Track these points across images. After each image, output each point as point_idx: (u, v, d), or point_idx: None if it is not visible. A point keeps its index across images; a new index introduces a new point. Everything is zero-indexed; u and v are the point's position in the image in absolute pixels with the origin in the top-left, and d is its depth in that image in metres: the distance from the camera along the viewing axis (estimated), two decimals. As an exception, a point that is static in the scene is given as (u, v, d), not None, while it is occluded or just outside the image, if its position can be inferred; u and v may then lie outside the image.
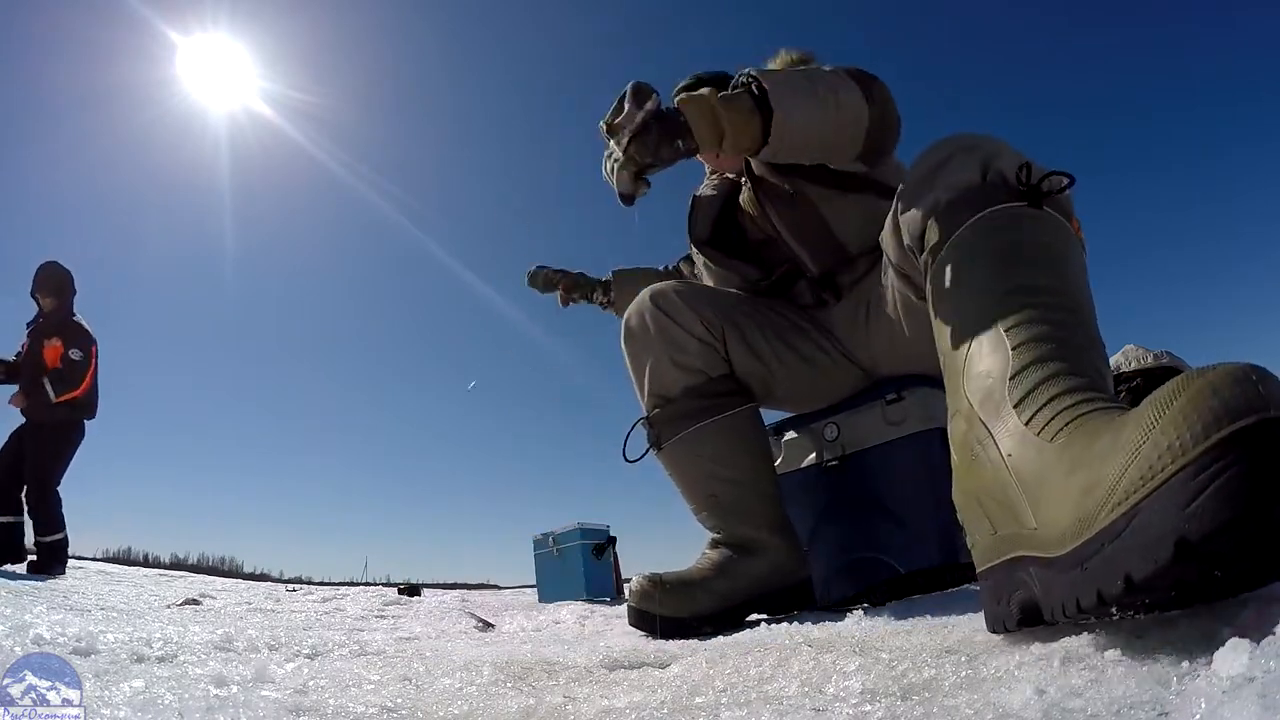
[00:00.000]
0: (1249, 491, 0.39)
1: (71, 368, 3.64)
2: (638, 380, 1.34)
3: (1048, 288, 0.67)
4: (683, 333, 1.29)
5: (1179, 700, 0.40)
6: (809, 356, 1.33)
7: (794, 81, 1.03)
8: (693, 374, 1.28)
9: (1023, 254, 0.70)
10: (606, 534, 3.42)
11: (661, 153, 0.97)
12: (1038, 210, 0.73)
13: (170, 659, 0.86)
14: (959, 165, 0.80)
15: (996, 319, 0.66)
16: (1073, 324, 0.64)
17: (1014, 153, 0.79)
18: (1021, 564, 0.57)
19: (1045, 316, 0.64)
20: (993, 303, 0.68)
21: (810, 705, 0.52)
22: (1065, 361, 0.60)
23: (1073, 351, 0.61)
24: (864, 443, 1.31)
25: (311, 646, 1.09)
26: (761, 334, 1.32)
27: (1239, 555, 0.42)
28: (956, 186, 0.78)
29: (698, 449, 1.26)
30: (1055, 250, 0.71)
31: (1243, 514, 0.39)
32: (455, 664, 0.85)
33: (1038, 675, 0.50)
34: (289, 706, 0.60)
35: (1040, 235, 0.72)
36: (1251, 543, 0.41)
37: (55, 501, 3.58)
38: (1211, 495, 0.39)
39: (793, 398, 1.40)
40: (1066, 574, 0.49)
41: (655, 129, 0.97)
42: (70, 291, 3.83)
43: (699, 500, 1.28)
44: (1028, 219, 0.73)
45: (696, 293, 1.34)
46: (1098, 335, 0.67)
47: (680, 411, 1.27)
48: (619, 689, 0.67)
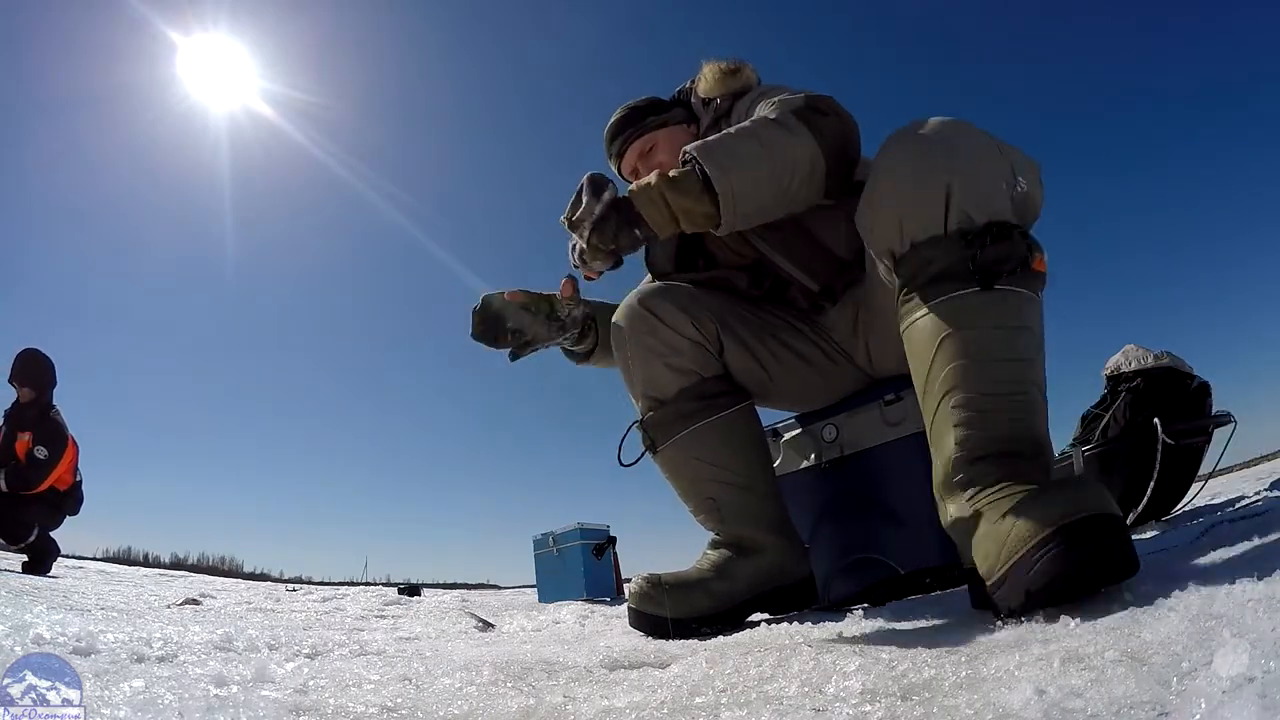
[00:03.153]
0: (1057, 566, 0.69)
1: (34, 466, 3.45)
2: (629, 383, 1.32)
3: (984, 390, 0.85)
4: (673, 334, 1.27)
5: (1179, 700, 0.40)
6: (806, 355, 1.32)
7: (738, 150, 1.00)
8: (686, 375, 1.27)
9: (969, 352, 0.86)
10: (606, 534, 3.42)
11: (621, 241, 1.01)
12: (989, 293, 0.86)
13: (170, 659, 0.86)
14: (924, 199, 0.90)
15: (947, 420, 0.87)
16: (1002, 417, 0.85)
17: (973, 177, 0.89)
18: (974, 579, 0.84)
19: (979, 420, 0.85)
20: (945, 402, 0.88)
21: (810, 705, 0.52)
22: (987, 462, 0.84)
23: (996, 444, 0.84)
24: (863, 443, 1.30)
25: (311, 646, 1.09)
26: (755, 334, 1.31)
27: (1059, 595, 0.70)
28: (920, 227, 0.90)
29: (694, 451, 1.25)
30: (995, 344, 0.86)
31: (1057, 576, 0.69)
32: (455, 664, 0.85)
33: (1038, 675, 0.50)
34: (289, 706, 0.60)
35: (987, 326, 0.87)
36: (1063, 588, 0.70)
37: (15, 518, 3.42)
38: (1040, 569, 0.70)
39: (791, 397, 1.39)
40: (992, 594, 0.77)
41: (613, 219, 1.01)
42: (49, 383, 3.63)
43: (697, 502, 1.27)
44: (978, 309, 0.87)
45: (685, 293, 1.32)
46: (1030, 401, 0.86)
47: (675, 414, 1.26)
48: (619, 689, 0.67)
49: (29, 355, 3.64)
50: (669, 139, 1.37)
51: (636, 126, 1.38)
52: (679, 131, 1.38)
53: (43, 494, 3.52)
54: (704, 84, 1.36)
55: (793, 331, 1.33)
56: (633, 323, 1.29)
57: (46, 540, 3.56)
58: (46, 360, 3.67)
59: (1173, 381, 1.77)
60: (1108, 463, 1.72)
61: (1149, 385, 1.78)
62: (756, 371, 1.31)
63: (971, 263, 0.86)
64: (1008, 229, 0.87)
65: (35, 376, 3.61)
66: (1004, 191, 0.90)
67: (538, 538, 3.53)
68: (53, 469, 3.50)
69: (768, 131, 1.03)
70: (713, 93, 1.34)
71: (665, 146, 1.36)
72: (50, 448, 3.50)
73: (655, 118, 1.39)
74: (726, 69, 1.34)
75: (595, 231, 1.01)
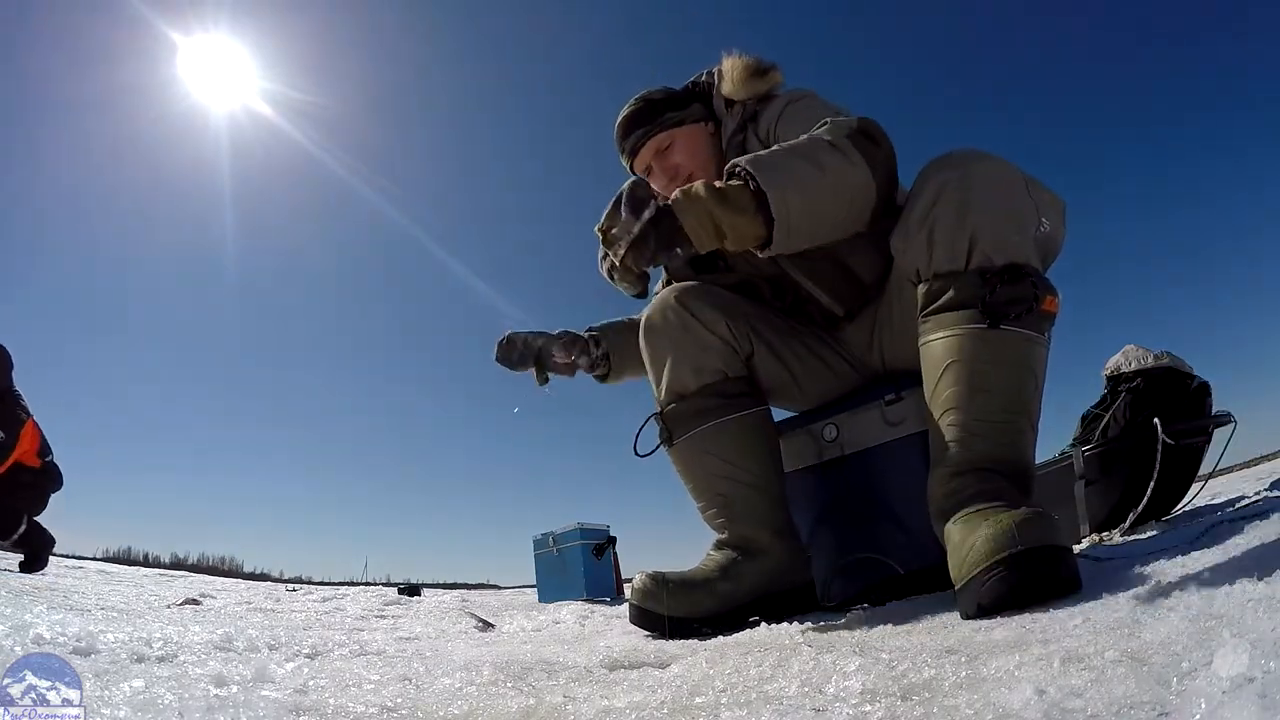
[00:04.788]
0: (1001, 588, 0.81)
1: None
2: (655, 375, 1.32)
3: (976, 417, 0.96)
4: (706, 331, 1.28)
5: (1179, 700, 0.40)
6: (828, 361, 1.34)
7: (795, 171, 0.97)
8: (710, 372, 1.27)
9: (969, 381, 0.96)
10: (606, 534, 3.42)
11: (659, 260, 0.97)
12: (994, 331, 0.95)
13: (170, 659, 0.86)
14: (953, 235, 0.98)
15: (942, 437, 0.98)
16: (989, 442, 0.95)
17: (998, 219, 0.97)
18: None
19: (967, 441, 0.96)
20: (944, 420, 0.98)
21: (810, 705, 0.52)
22: (968, 477, 0.94)
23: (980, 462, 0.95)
24: (864, 443, 1.30)
25: (311, 646, 1.09)
26: (782, 338, 1.33)
27: (1002, 609, 0.80)
28: (946, 259, 1.00)
29: (709, 447, 1.26)
30: (992, 378, 0.96)
31: (1003, 595, 0.80)
32: (455, 664, 0.85)
33: (1038, 675, 0.50)
34: (289, 706, 0.60)
35: (987, 360, 0.96)
36: (1006, 605, 0.80)
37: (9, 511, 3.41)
38: (988, 588, 0.81)
39: (813, 400, 1.40)
40: (958, 595, 0.88)
41: (653, 237, 0.95)
42: (5, 368, 3.60)
43: (707, 498, 1.27)
44: (982, 344, 0.96)
45: (720, 295, 1.32)
46: (1016, 430, 0.96)
47: (694, 409, 1.27)
48: (619, 689, 0.67)
49: None
50: (687, 138, 1.31)
51: (653, 123, 1.31)
52: (698, 130, 1.32)
53: (17, 478, 3.51)
54: (728, 83, 1.29)
55: (815, 338, 1.35)
56: (667, 317, 1.30)
57: (39, 533, 3.56)
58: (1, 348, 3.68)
59: (1173, 381, 1.76)
60: (1108, 463, 1.72)
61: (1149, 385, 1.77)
62: (782, 374, 1.33)
63: (983, 302, 0.96)
64: (1021, 273, 0.96)
65: None
66: (1027, 233, 0.99)
67: (538, 538, 3.52)
68: (10, 452, 3.49)
69: (826, 157, 1.00)
70: (739, 95, 1.28)
71: (683, 146, 1.31)
72: (6, 431, 3.49)
73: (673, 114, 1.31)
74: (754, 68, 1.28)
75: (632, 251, 0.96)
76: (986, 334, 0.96)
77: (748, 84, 1.28)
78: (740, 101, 1.29)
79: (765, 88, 1.28)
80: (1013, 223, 0.98)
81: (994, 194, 0.98)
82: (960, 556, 0.86)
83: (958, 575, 0.87)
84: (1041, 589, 0.80)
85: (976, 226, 0.97)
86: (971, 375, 0.96)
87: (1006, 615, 0.78)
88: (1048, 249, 1.04)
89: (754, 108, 1.28)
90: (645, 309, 1.35)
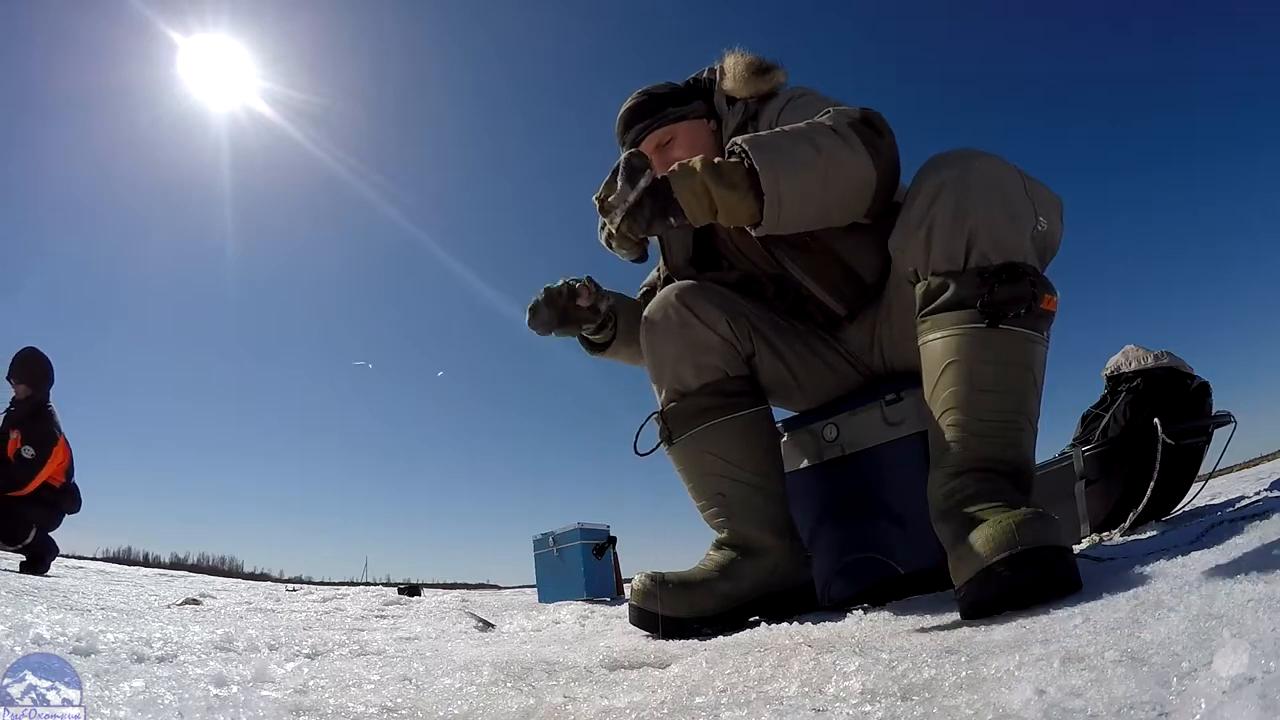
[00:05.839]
0: (1000, 588, 0.82)
1: (21, 466, 3.42)
2: (655, 373, 1.32)
3: (976, 416, 0.96)
4: (707, 330, 1.28)
5: (1179, 700, 0.40)
6: (829, 361, 1.34)
7: (791, 152, 0.98)
8: (711, 371, 1.27)
9: (968, 380, 0.96)
10: (606, 534, 3.42)
11: (654, 228, 1.00)
12: (993, 330, 0.95)
13: (170, 659, 0.86)
14: (952, 234, 0.98)
15: (942, 436, 0.98)
16: (988, 441, 0.96)
17: (996, 218, 0.97)
18: None
19: (966, 440, 0.96)
20: (944, 419, 0.98)
21: (810, 705, 0.52)
22: (967, 476, 0.94)
23: (979, 462, 0.95)
24: (864, 443, 1.30)
25: (311, 646, 1.09)
26: (783, 337, 1.33)
27: (1001, 609, 0.81)
28: (945, 258, 1.00)
29: (709, 445, 1.26)
30: (991, 377, 0.96)
31: (1003, 595, 0.81)
32: (455, 664, 0.85)
33: (1038, 675, 0.50)
34: (289, 706, 0.60)
35: (987, 360, 0.96)
36: (1003, 605, 0.82)
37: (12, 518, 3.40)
38: (988, 588, 0.83)
39: (814, 400, 1.40)
40: (955, 596, 0.89)
41: (648, 206, 0.98)
42: (46, 381, 3.62)
43: (707, 497, 1.27)
44: (981, 343, 0.96)
45: (721, 294, 1.32)
46: (1016, 429, 0.97)
47: (695, 407, 1.27)
48: (619, 689, 0.67)
49: (26, 354, 3.65)
50: (689, 134, 1.32)
51: (655, 117, 1.31)
52: (699, 127, 1.33)
53: (38, 494, 3.51)
54: (730, 80, 1.29)
55: (816, 338, 1.35)
56: (668, 315, 1.29)
57: (45, 540, 3.55)
58: (44, 359, 3.66)
59: (1173, 381, 1.76)
60: (1108, 463, 1.72)
61: (1149, 385, 1.77)
62: (783, 373, 1.33)
63: (982, 301, 0.96)
64: (1019, 272, 0.96)
65: (30, 374, 3.60)
66: (1025, 232, 0.99)
67: (538, 538, 3.52)
68: (40, 469, 3.46)
69: (825, 140, 1.00)
70: (741, 92, 1.29)
71: (684, 141, 1.31)
72: (38, 448, 3.46)
73: (676, 109, 1.32)
74: (756, 66, 1.28)
75: (627, 219, 0.99)
76: (985, 333, 0.96)
77: (749, 81, 1.28)
78: (742, 99, 1.29)
79: (767, 86, 1.28)
80: (1011, 222, 0.98)
81: (992, 193, 0.98)
82: (960, 557, 0.87)
83: (958, 575, 0.87)
84: (1041, 589, 0.80)
85: (974, 226, 0.98)
86: (971, 375, 0.97)
87: (1006, 615, 0.78)
88: (1045, 247, 1.04)
89: (755, 106, 1.28)
90: (646, 308, 1.35)
